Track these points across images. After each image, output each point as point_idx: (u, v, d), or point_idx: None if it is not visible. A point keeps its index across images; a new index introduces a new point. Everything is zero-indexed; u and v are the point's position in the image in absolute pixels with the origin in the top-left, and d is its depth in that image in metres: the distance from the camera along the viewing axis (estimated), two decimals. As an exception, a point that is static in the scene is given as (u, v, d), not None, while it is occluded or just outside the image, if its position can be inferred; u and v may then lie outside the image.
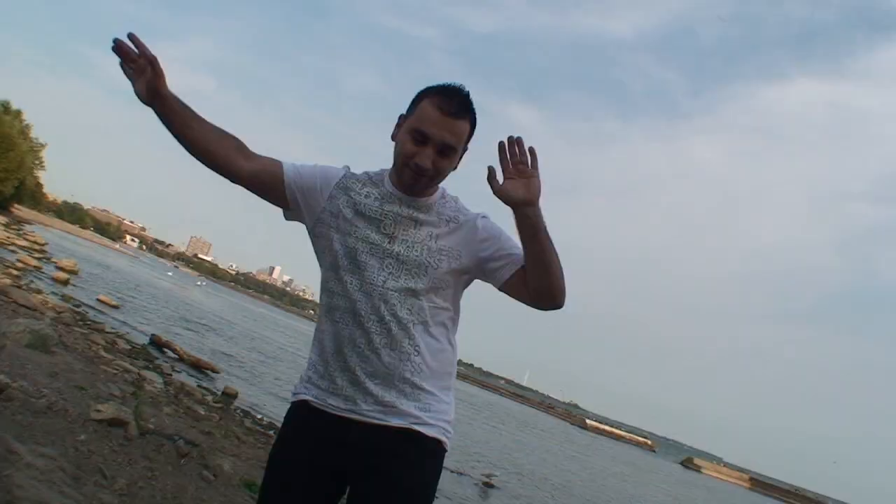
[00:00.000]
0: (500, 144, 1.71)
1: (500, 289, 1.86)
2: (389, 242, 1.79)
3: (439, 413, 1.82)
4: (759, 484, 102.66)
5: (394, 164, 1.83)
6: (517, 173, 1.71)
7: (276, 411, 13.88)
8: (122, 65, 1.67)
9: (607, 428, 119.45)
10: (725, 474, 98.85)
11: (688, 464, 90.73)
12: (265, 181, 1.84)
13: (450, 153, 1.77)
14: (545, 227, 1.73)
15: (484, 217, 1.88)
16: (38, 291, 15.31)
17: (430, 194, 1.86)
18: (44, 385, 5.28)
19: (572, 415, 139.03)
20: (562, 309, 1.85)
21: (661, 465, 74.13)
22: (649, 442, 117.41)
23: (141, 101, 1.70)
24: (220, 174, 1.81)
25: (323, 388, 1.82)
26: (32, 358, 6.26)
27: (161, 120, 1.73)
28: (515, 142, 1.71)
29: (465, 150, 1.85)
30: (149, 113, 1.71)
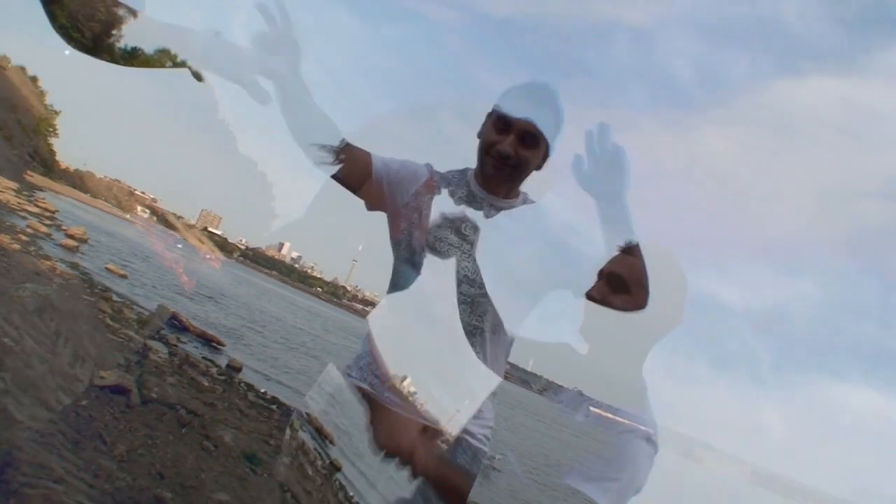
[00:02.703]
0: None
1: None
2: (469, 246, 1.76)
3: (485, 420, 1.85)
4: (761, 477, 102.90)
5: (477, 161, 1.81)
6: None
7: (280, 387, 13.93)
8: None
9: (608, 415, 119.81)
10: (726, 465, 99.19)
11: (686, 453, 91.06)
12: (354, 181, 1.81)
13: (532, 143, 1.73)
14: None
15: None
16: (47, 258, 15.33)
17: (513, 195, 1.82)
18: (48, 350, 5.29)
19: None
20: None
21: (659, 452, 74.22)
22: (651, 431, 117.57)
23: None
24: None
25: (378, 376, 1.83)
26: (38, 323, 6.27)
27: None
28: None
29: (548, 149, 1.80)
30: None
